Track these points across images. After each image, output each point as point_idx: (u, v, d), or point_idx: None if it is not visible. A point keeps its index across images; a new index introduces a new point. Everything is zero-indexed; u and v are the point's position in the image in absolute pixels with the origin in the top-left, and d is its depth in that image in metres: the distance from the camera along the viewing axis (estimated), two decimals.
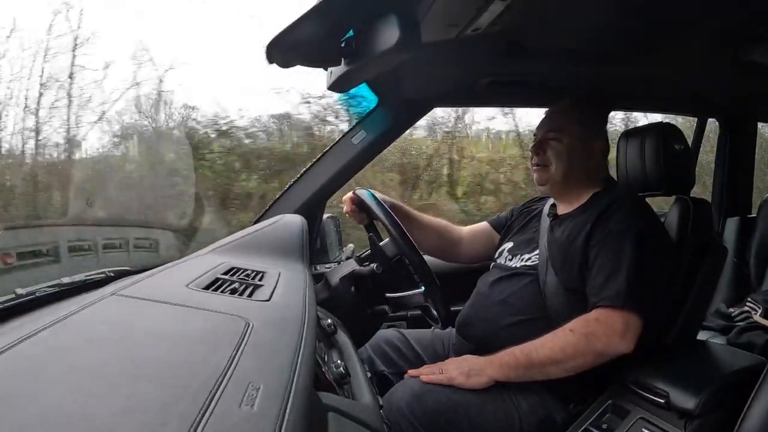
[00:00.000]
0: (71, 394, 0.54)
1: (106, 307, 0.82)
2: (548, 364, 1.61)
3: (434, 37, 1.57)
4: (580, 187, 1.86)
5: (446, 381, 1.64)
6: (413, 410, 1.59)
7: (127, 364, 0.63)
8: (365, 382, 1.23)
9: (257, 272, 1.20)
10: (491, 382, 1.64)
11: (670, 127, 1.92)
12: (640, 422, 1.57)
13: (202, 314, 0.86)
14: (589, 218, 1.73)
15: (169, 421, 0.51)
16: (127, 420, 0.51)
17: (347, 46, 1.08)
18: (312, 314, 1.01)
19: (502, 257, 1.97)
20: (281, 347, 0.78)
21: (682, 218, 1.85)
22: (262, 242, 1.47)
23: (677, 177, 1.88)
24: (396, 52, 0.97)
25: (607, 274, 1.63)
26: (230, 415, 0.55)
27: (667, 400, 1.54)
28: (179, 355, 0.69)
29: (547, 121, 1.91)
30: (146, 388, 0.57)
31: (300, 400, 0.63)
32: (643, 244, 1.64)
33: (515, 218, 2.12)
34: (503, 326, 1.77)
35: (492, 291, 1.86)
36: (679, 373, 1.63)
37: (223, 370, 0.63)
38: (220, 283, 1.06)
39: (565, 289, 1.72)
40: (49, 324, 0.70)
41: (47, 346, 0.66)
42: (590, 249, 1.69)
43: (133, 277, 1.04)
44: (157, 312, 0.85)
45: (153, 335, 0.75)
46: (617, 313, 1.59)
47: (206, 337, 0.77)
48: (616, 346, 1.58)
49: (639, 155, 1.89)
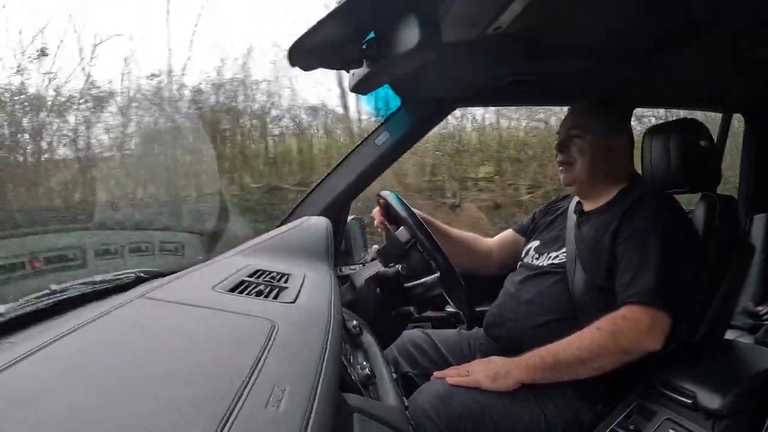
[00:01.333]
0: (101, 395, 0.55)
1: (135, 309, 0.83)
2: (575, 364, 1.59)
3: (455, 37, 1.57)
4: (606, 184, 1.84)
5: (472, 383, 1.63)
6: (438, 412, 1.59)
7: (156, 366, 0.64)
8: (391, 383, 1.23)
9: (283, 274, 1.21)
10: (518, 384, 1.62)
11: (696, 123, 1.89)
12: (666, 423, 1.56)
13: (229, 316, 0.87)
14: (616, 215, 1.71)
15: (197, 422, 0.52)
16: (155, 420, 0.51)
17: (368, 47, 1.08)
18: (337, 316, 1.02)
19: (529, 256, 1.95)
20: (307, 349, 0.78)
21: (708, 215, 1.82)
22: (287, 244, 1.48)
23: (703, 174, 1.86)
24: (417, 53, 0.97)
25: (634, 271, 1.61)
26: (257, 416, 0.55)
27: (695, 401, 1.52)
28: (206, 356, 0.70)
29: (569, 119, 1.89)
30: (174, 389, 0.58)
31: (325, 401, 0.64)
32: (670, 241, 1.62)
33: (538, 219, 2.11)
34: (531, 326, 1.76)
35: (519, 291, 1.85)
36: (707, 373, 1.60)
37: (250, 372, 0.64)
38: (246, 285, 1.07)
39: (593, 286, 1.70)
40: (79, 326, 0.71)
41: (77, 348, 0.67)
42: (617, 246, 1.68)
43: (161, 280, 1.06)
44: (185, 314, 0.86)
45: (181, 337, 0.76)
46: (644, 310, 1.57)
47: (232, 339, 0.77)
48: (643, 344, 1.56)
49: (664, 152, 1.87)
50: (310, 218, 1.67)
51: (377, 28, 1.06)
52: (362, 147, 2.25)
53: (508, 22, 1.48)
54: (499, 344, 1.82)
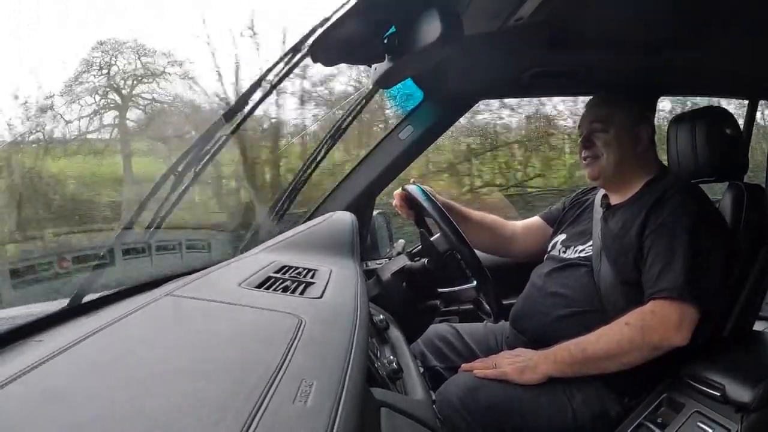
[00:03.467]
0: (129, 393, 0.55)
1: (161, 307, 0.84)
2: (604, 358, 1.58)
3: (477, 29, 1.56)
4: (633, 176, 1.82)
5: (500, 376, 1.63)
6: (466, 405, 1.59)
7: (183, 363, 0.65)
8: (418, 377, 1.23)
9: (309, 270, 1.21)
10: (545, 378, 1.62)
11: (721, 110, 1.86)
12: (695, 416, 1.54)
13: (255, 312, 0.87)
14: (643, 207, 1.70)
15: (225, 418, 0.52)
16: (184, 417, 0.52)
17: (390, 42, 1.08)
18: (364, 310, 1.02)
19: (556, 249, 1.94)
20: (334, 343, 0.78)
21: (736, 205, 1.80)
22: (312, 240, 1.48)
23: (730, 162, 1.83)
24: (438, 46, 0.97)
25: (662, 264, 1.60)
26: (284, 410, 0.56)
27: (723, 394, 1.50)
28: (233, 352, 0.70)
29: (590, 113, 1.87)
30: (202, 385, 0.58)
31: (353, 395, 0.64)
32: (699, 233, 1.60)
33: (567, 210, 2.09)
34: (557, 318, 1.75)
35: (546, 283, 1.84)
36: (736, 365, 1.58)
37: (277, 367, 0.64)
38: (272, 281, 1.07)
39: (620, 281, 1.69)
40: (106, 325, 0.72)
41: (105, 345, 0.68)
42: (645, 239, 1.66)
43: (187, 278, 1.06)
44: (211, 311, 0.86)
45: (207, 334, 0.76)
46: (673, 305, 1.56)
47: (259, 335, 0.78)
48: (672, 339, 1.55)
49: (690, 141, 1.85)
50: (335, 213, 1.67)
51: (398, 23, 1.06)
52: (386, 141, 2.25)
53: (529, 13, 1.47)
54: (525, 336, 1.82)
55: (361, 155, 2.31)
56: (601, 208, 1.87)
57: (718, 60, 2.03)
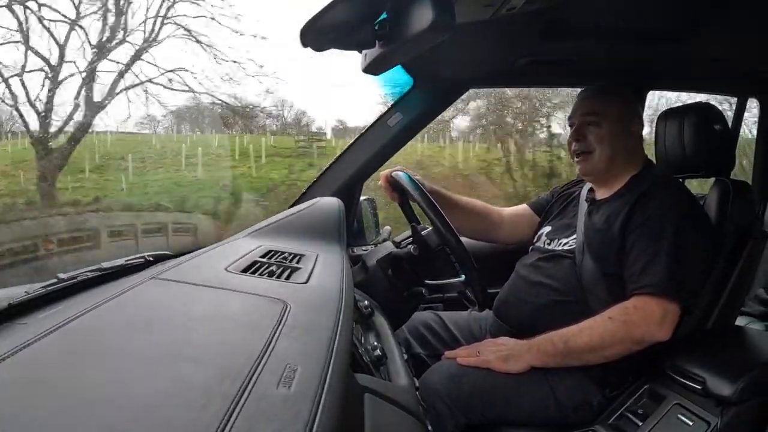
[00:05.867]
0: (113, 376, 0.56)
1: (146, 290, 0.84)
2: (586, 351, 1.60)
3: (469, 17, 1.55)
4: (621, 171, 1.82)
5: (483, 364, 1.64)
6: (449, 392, 1.60)
7: (168, 346, 0.65)
8: (402, 364, 1.23)
9: (295, 255, 1.21)
10: (528, 368, 1.63)
11: (710, 107, 1.87)
12: (676, 408, 1.56)
13: (241, 297, 0.88)
14: (627, 203, 1.70)
15: (210, 401, 0.52)
16: (169, 400, 0.52)
17: (381, 28, 1.08)
18: (349, 296, 1.02)
19: (541, 241, 1.95)
20: (319, 329, 0.79)
21: (721, 201, 1.81)
22: (299, 225, 1.48)
23: (717, 158, 1.84)
24: (430, 33, 0.96)
25: (645, 260, 1.61)
26: (268, 395, 0.56)
27: (704, 387, 1.52)
28: (218, 336, 0.70)
29: (582, 105, 1.85)
30: (187, 369, 0.59)
31: (337, 381, 0.64)
32: (683, 230, 1.62)
33: (555, 200, 2.09)
34: (540, 308, 1.76)
35: (530, 273, 1.85)
36: (717, 359, 1.60)
37: (262, 352, 0.64)
38: (258, 266, 1.07)
39: (602, 275, 1.70)
40: (91, 308, 0.71)
41: (91, 328, 0.68)
42: (628, 234, 1.67)
43: (172, 261, 1.06)
44: (197, 295, 0.86)
45: (192, 318, 0.76)
46: (656, 301, 1.57)
47: (244, 319, 0.78)
48: (654, 335, 1.56)
49: (678, 136, 1.85)
50: (322, 199, 1.66)
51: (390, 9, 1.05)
52: (374, 128, 2.24)
53: (521, 2, 1.46)
54: (508, 325, 1.83)
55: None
56: (585, 202, 1.88)
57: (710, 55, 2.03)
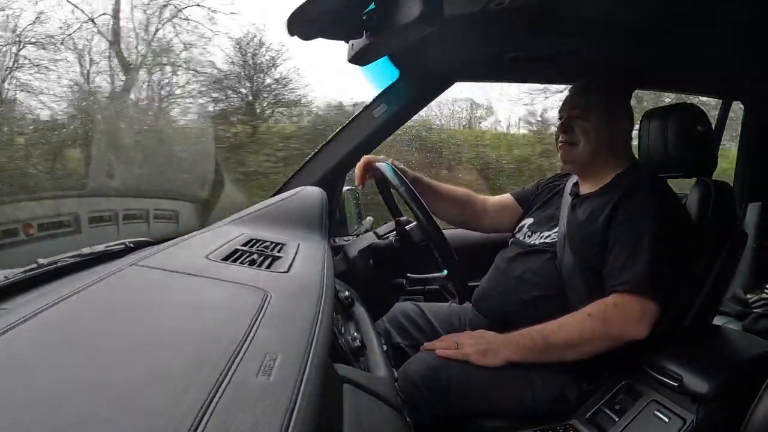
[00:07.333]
0: (91, 363, 0.55)
1: (126, 277, 0.83)
2: (564, 347, 1.61)
3: (457, 10, 1.55)
4: (606, 167, 1.84)
5: (461, 357, 1.65)
6: (427, 384, 1.60)
7: (147, 334, 0.65)
8: (381, 355, 1.24)
9: (276, 244, 1.21)
10: (506, 362, 1.64)
11: (694, 107, 1.88)
12: (652, 404, 1.57)
13: (221, 285, 0.87)
14: (611, 199, 1.71)
15: (189, 389, 0.52)
16: (147, 388, 0.52)
17: (368, 18, 1.07)
18: (330, 286, 1.02)
19: (522, 233, 1.96)
20: (299, 318, 0.79)
21: (703, 201, 1.82)
22: (281, 214, 1.47)
23: (700, 159, 1.85)
24: (418, 25, 0.96)
25: (626, 257, 1.62)
26: (248, 383, 0.56)
27: (681, 384, 1.53)
28: (198, 324, 0.70)
29: (572, 100, 1.87)
30: (166, 356, 0.58)
31: (316, 371, 0.64)
32: (664, 229, 1.63)
33: (539, 192, 2.10)
34: (520, 302, 1.78)
35: (510, 267, 1.86)
36: (694, 357, 1.62)
37: (241, 340, 0.64)
38: (239, 254, 1.07)
39: (581, 268, 1.71)
40: (70, 294, 0.71)
41: (69, 315, 0.67)
42: (610, 231, 1.68)
43: (153, 248, 1.06)
44: (177, 282, 0.86)
45: (172, 305, 0.76)
46: (636, 299, 1.59)
47: (225, 308, 0.78)
48: (632, 332, 1.58)
49: (662, 135, 1.86)
50: (305, 188, 1.66)
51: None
52: (359, 118, 2.24)
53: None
54: (487, 318, 1.84)
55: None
56: (569, 196, 1.89)
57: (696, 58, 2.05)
